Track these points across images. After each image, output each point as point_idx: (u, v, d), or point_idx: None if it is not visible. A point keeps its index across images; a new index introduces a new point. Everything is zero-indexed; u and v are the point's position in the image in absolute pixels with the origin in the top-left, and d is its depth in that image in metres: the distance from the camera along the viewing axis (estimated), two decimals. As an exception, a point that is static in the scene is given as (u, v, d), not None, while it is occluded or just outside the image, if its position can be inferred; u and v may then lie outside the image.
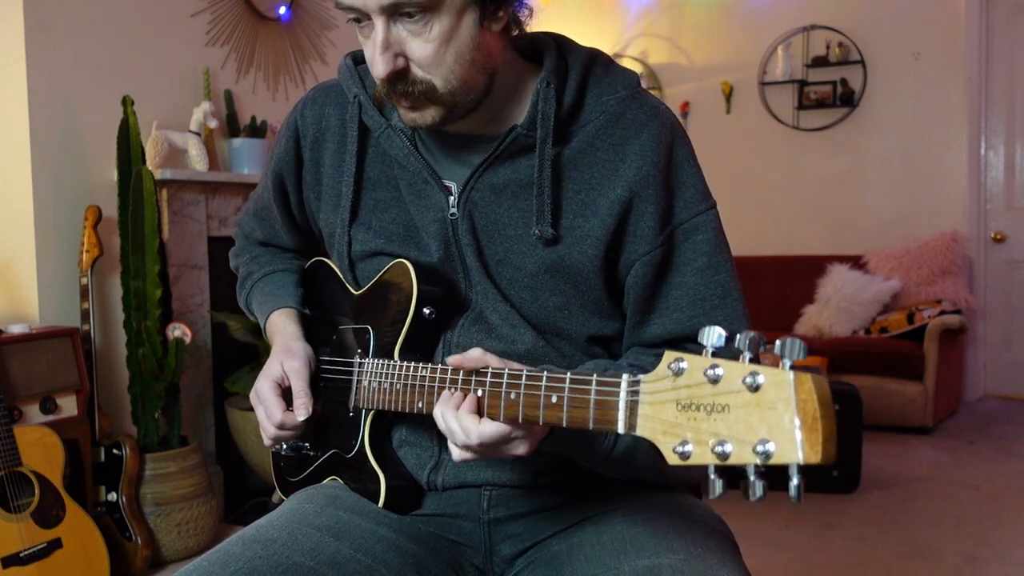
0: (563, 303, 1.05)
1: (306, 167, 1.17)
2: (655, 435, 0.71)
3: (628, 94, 1.05)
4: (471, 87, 0.98)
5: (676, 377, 0.70)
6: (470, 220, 1.04)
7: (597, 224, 1.02)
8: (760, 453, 0.63)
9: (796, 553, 2.81)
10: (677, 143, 1.05)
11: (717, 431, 0.66)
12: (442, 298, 1.06)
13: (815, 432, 0.61)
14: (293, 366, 1.11)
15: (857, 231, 5.23)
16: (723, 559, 0.96)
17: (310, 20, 3.78)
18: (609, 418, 0.75)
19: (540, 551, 1.06)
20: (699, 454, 0.67)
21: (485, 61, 0.98)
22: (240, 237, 1.36)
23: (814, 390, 0.62)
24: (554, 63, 1.03)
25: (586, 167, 1.03)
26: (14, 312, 2.75)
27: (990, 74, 5.04)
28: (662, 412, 0.70)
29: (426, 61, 0.95)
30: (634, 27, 5.86)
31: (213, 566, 0.94)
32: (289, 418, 1.09)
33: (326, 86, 1.17)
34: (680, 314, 1.04)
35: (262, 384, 1.12)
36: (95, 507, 2.63)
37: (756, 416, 0.64)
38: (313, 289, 1.25)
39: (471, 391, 0.89)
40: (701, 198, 1.05)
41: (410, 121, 1.00)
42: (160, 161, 3.01)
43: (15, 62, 2.69)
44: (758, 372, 0.64)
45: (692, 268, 1.04)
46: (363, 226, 1.11)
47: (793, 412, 0.62)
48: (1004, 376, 5.12)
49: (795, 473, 0.62)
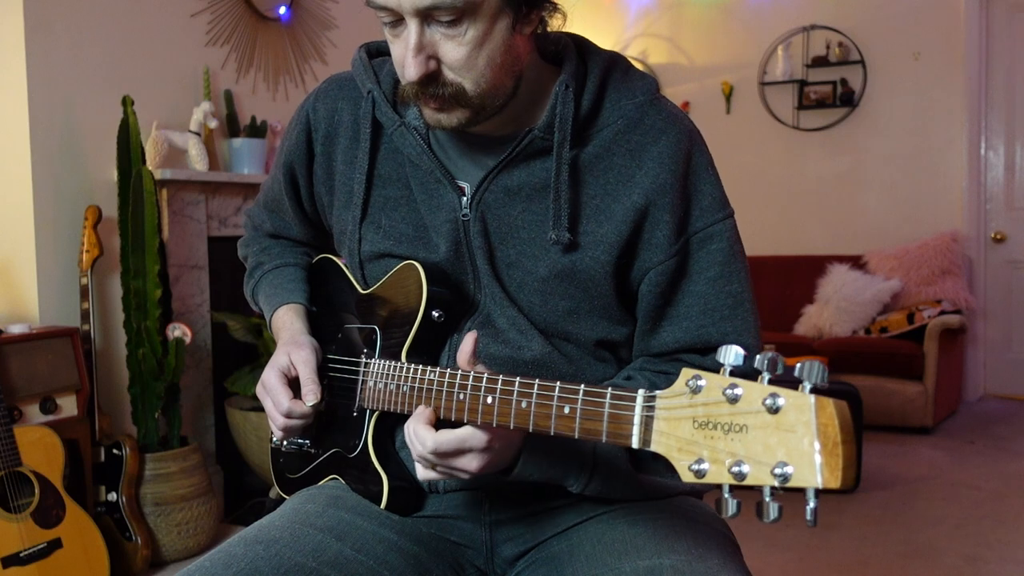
0: (572, 307, 1.04)
1: (317, 161, 1.16)
2: (669, 452, 0.70)
3: (647, 100, 1.04)
4: (499, 90, 0.97)
5: (694, 394, 0.69)
6: (482, 222, 1.04)
7: (612, 230, 1.01)
8: (778, 476, 0.62)
9: (796, 553, 2.81)
10: (695, 151, 1.04)
11: (734, 451, 0.65)
12: (451, 301, 1.05)
13: (835, 457, 0.61)
14: (300, 355, 1.11)
15: (857, 231, 5.23)
16: (724, 559, 0.96)
17: (310, 20, 3.78)
18: (623, 432, 0.75)
19: (541, 552, 1.06)
20: (715, 472, 0.66)
21: (514, 64, 0.97)
22: (249, 228, 1.35)
23: (835, 415, 0.61)
24: (574, 66, 1.02)
25: (602, 172, 1.02)
26: (14, 312, 2.75)
27: (990, 74, 5.04)
28: (678, 429, 0.70)
29: (458, 64, 0.93)
30: (634, 27, 5.86)
31: (215, 566, 0.94)
32: (297, 406, 1.08)
33: (339, 79, 1.16)
34: (690, 323, 1.03)
35: (268, 374, 1.11)
36: (95, 507, 2.63)
37: (775, 438, 0.63)
38: (320, 286, 1.24)
39: (479, 396, 0.88)
40: (718, 207, 1.04)
41: (435, 122, 0.99)
42: (160, 161, 3.01)
43: (15, 62, 2.69)
44: (778, 394, 0.64)
45: (705, 277, 1.03)
46: (372, 225, 1.10)
47: (813, 436, 0.61)
48: (1004, 376, 5.12)
49: (812, 497, 0.62)
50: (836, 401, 0.62)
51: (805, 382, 0.64)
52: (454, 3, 0.89)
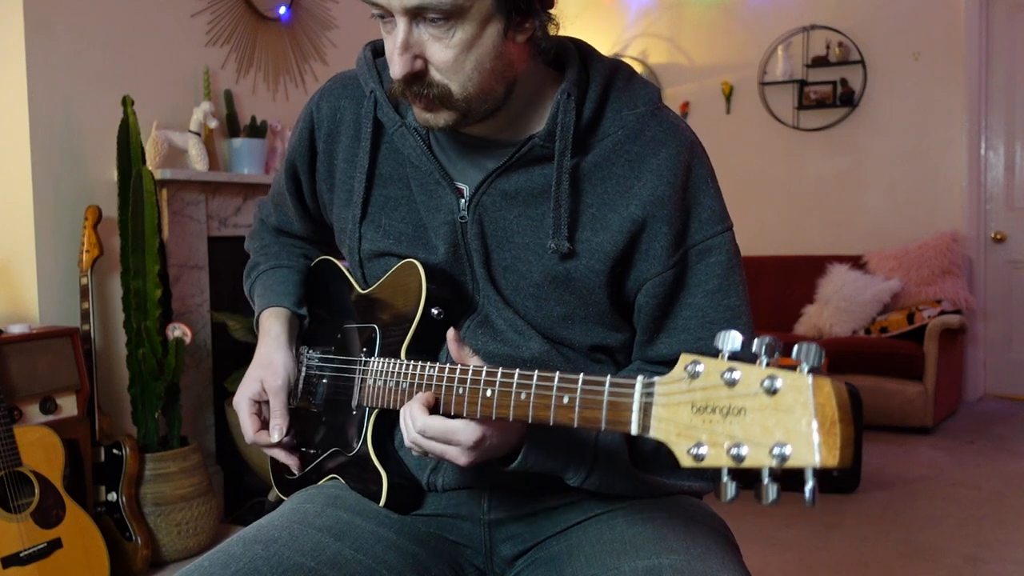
0: (567, 313, 1.04)
1: (319, 158, 1.16)
2: (668, 436, 0.70)
3: (648, 110, 1.04)
4: (488, 95, 0.97)
5: (692, 379, 0.69)
6: (479, 224, 1.04)
7: (607, 240, 1.01)
8: (776, 456, 0.62)
9: (796, 553, 2.81)
10: (695, 163, 1.04)
11: (733, 433, 0.65)
12: (450, 299, 1.05)
13: (833, 436, 0.61)
14: (273, 384, 1.14)
15: (857, 231, 5.23)
16: (723, 559, 0.96)
17: (310, 20, 3.78)
18: (623, 419, 0.75)
19: (540, 551, 1.06)
20: (714, 456, 0.66)
21: (505, 70, 0.97)
22: (257, 220, 1.36)
23: (833, 394, 0.62)
24: (576, 74, 1.02)
25: (600, 181, 1.02)
26: (14, 312, 2.75)
27: (990, 74, 5.04)
28: (676, 414, 0.70)
29: (445, 66, 0.94)
30: (634, 27, 5.86)
31: (214, 566, 0.94)
32: (262, 438, 1.13)
33: (344, 78, 1.16)
34: (687, 335, 1.03)
35: (239, 400, 1.15)
36: (95, 507, 2.63)
37: (773, 419, 0.63)
38: (318, 287, 1.25)
39: (479, 390, 0.89)
40: (717, 220, 1.03)
41: (423, 122, 1.00)
42: (160, 161, 3.01)
43: (15, 62, 2.69)
44: (776, 375, 0.64)
45: (703, 290, 1.03)
46: (372, 224, 1.10)
47: (811, 415, 0.61)
48: (1004, 376, 5.12)
49: (810, 476, 0.62)
50: (834, 381, 0.62)
51: (803, 363, 0.64)
52: (441, 4, 0.89)
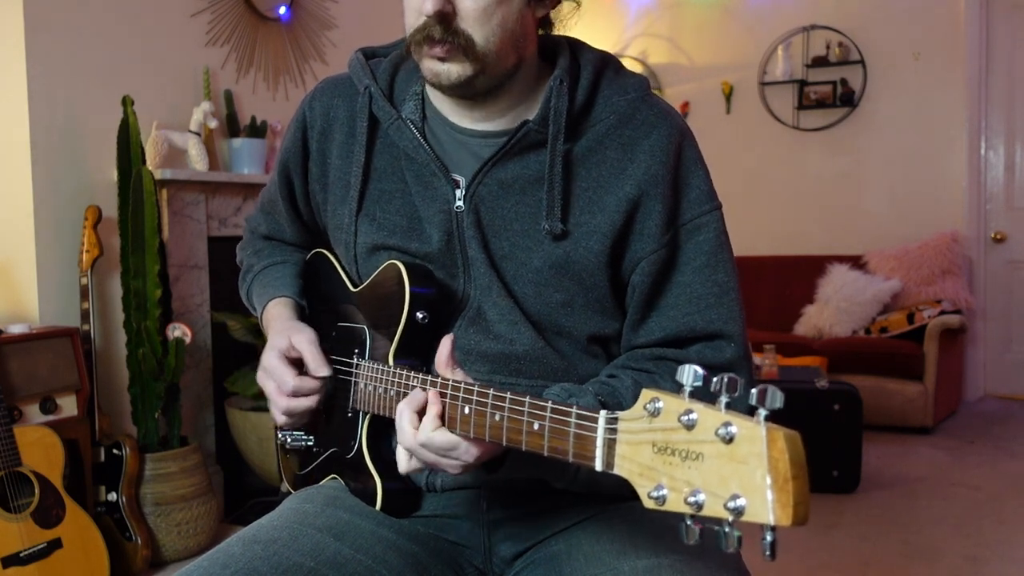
0: (566, 300, 1.05)
1: (312, 158, 1.17)
2: (632, 476, 0.69)
3: (638, 96, 1.06)
4: (503, 58, 0.99)
5: (652, 418, 0.68)
6: (476, 214, 1.05)
7: (605, 220, 1.02)
8: (732, 509, 0.61)
9: (796, 553, 2.81)
10: (686, 145, 1.06)
11: (691, 480, 0.64)
12: (436, 300, 1.05)
13: (786, 493, 0.59)
14: (302, 336, 1.10)
15: (857, 231, 5.23)
16: (723, 559, 0.96)
17: (310, 20, 3.78)
18: (587, 453, 0.74)
19: (539, 551, 1.06)
20: (674, 501, 0.65)
21: (520, 40, 1.00)
22: (247, 232, 1.37)
23: (786, 449, 0.60)
24: (567, 62, 1.05)
25: (595, 165, 1.04)
26: (14, 312, 2.75)
27: (990, 74, 5.04)
28: (638, 454, 0.69)
29: (474, 14, 0.96)
30: (634, 27, 5.86)
31: (213, 566, 0.94)
32: (305, 382, 1.08)
33: (335, 79, 1.17)
34: (676, 312, 1.04)
35: (268, 356, 1.10)
36: (95, 507, 2.63)
37: (728, 469, 0.62)
38: (313, 282, 1.25)
39: (457, 406, 0.88)
40: (706, 199, 1.05)
41: (434, 75, 1.00)
42: (160, 161, 3.01)
43: (15, 62, 2.69)
44: (731, 423, 0.62)
45: (691, 267, 1.04)
46: (367, 218, 1.10)
47: (765, 470, 0.60)
48: (1004, 376, 5.12)
49: (768, 531, 0.61)
50: (788, 433, 0.60)
51: (761, 409, 0.62)
52: None
